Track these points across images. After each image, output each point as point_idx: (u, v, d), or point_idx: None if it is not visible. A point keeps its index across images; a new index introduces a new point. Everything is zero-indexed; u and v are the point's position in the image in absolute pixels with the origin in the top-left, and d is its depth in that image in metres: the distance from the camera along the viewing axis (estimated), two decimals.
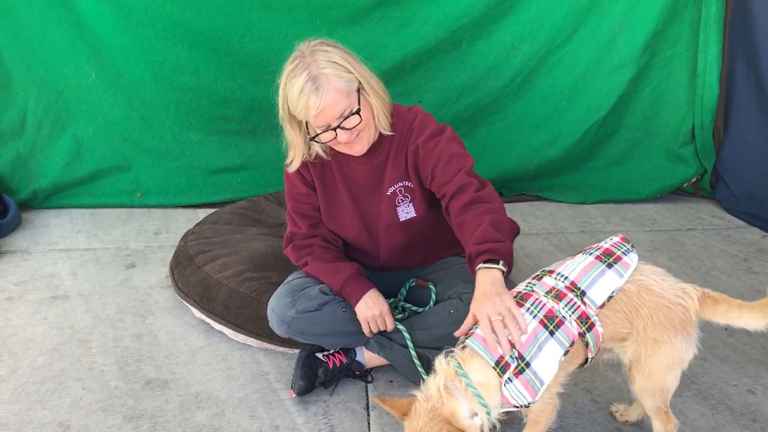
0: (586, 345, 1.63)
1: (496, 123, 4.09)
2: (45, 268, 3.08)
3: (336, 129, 1.89)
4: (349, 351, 2.20)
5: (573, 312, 1.61)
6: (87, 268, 3.09)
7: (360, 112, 1.89)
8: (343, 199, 2.15)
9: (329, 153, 2.09)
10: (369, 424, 2.01)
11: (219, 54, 3.73)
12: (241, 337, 2.41)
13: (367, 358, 2.20)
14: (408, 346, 2.09)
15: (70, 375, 2.24)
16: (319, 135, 1.92)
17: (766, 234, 3.57)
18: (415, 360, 2.06)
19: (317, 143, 2.01)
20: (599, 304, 1.63)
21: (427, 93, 3.96)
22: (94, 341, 2.46)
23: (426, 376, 1.65)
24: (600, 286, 1.65)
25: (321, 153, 2.07)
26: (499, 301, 1.59)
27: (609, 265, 1.68)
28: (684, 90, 4.04)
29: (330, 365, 2.14)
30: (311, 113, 1.85)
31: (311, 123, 1.91)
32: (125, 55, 3.70)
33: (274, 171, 3.91)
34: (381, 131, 2.01)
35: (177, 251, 2.88)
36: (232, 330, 2.42)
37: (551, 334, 1.57)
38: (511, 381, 1.54)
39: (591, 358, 1.67)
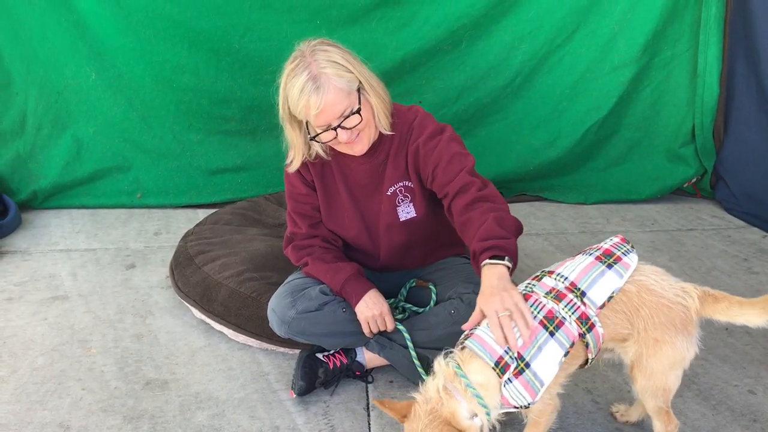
0: (586, 346, 1.62)
1: (496, 123, 4.09)
2: (45, 268, 3.08)
3: (336, 129, 1.89)
4: (350, 351, 2.20)
5: (573, 313, 1.61)
6: (87, 268, 3.09)
7: (360, 111, 1.89)
8: (343, 199, 2.15)
9: (329, 153, 2.09)
10: (369, 424, 2.00)
11: (219, 54, 3.73)
12: (242, 338, 2.41)
13: (368, 358, 2.20)
14: (408, 346, 2.09)
15: (70, 375, 2.24)
16: (320, 135, 1.92)
17: (766, 234, 3.57)
18: (415, 360, 2.06)
19: (317, 143, 2.01)
20: (599, 304, 1.63)
21: (427, 93, 3.96)
22: (94, 342, 2.46)
23: (426, 376, 1.65)
24: (600, 286, 1.65)
25: (321, 153, 2.07)
26: (507, 297, 1.59)
27: (609, 266, 1.67)
28: (684, 90, 4.04)
29: (330, 365, 2.14)
30: (312, 113, 1.85)
31: (311, 123, 1.91)
32: (125, 56, 3.70)
33: (274, 171, 3.91)
34: (381, 131, 2.01)
35: (177, 251, 2.88)
36: (232, 330, 2.42)
37: (551, 334, 1.57)
38: (511, 381, 1.54)
39: (591, 359, 1.66)
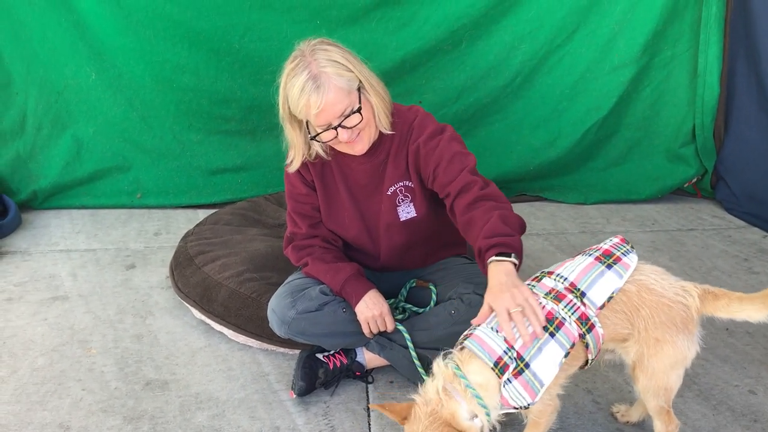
0: (586, 346, 1.62)
1: (496, 123, 4.09)
2: (45, 268, 3.08)
3: (337, 128, 1.88)
4: (350, 352, 2.20)
5: (573, 313, 1.60)
6: (87, 268, 3.09)
7: (361, 110, 1.88)
8: (343, 199, 2.15)
9: (329, 153, 2.09)
10: (369, 424, 2.00)
11: (219, 54, 3.73)
12: (242, 338, 2.41)
13: (368, 358, 2.20)
14: (408, 346, 2.08)
15: (70, 376, 2.24)
16: (320, 134, 1.92)
17: (766, 234, 3.56)
18: (416, 361, 2.06)
19: (318, 143, 2.01)
20: (599, 305, 1.63)
21: (427, 93, 3.96)
22: (94, 342, 2.45)
23: (426, 377, 1.65)
24: (600, 286, 1.64)
25: (321, 153, 2.07)
26: (518, 293, 1.58)
27: (609, 266, 1.67)
28: (684, 90, 4.04)
29: (330, 366, 2.13)
30: (312, 112, 1.85)
31: (312, 122, 1.91)
32: (125, 56, 3.70)
33: (274, 171, 3.90)
34: (381, 130, 2.01)
35: (177, 252, 2.88)
36: (232, 330, 2.42)
37: (551, 335, 1.56)
38: (510, 382, 1.53)
39: (591, 359, 1.66)
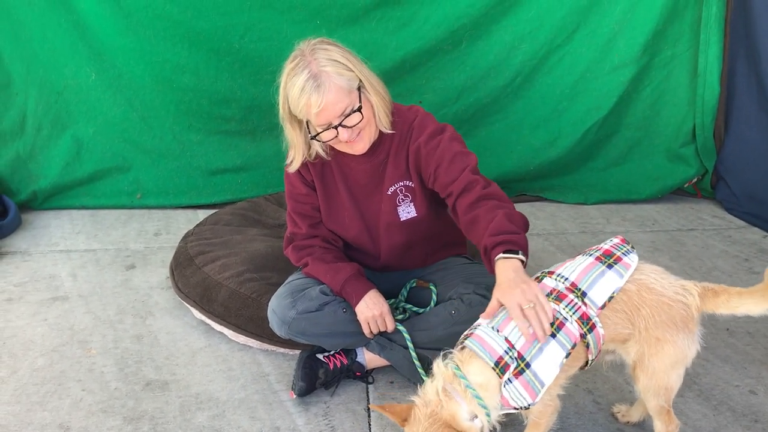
0: (586, 346, 1.62)
1: (496, 123, 4.08)
2: (45, 269, 3.08)
3: (337, 127, 1.88)
4: (350, 352, 2.20)
5: (574, 313, 1.60)
6: (87, 269, 3.09)
7: (361, 109, 1.88)
8: (344, 199, 2.15)
9: (329, 153, 2.09)
10: (370, 425, 2.00)
11: (219, 54, 3.73)
12: (242, 338, 2.41)
13: (368, 359, 2.19)
14: (408, 347, 2.08)
15: (70, 376, 2.24)
16: (320, 134, 1.92)
17: (766, 234, 3.56)
18: (416, 361, 2.06)
19: (318, 142, 2.00)
20: (600, 304, 1.62)
21: (427, 93, 3.96)
22: (94, 342, 2.45)
23: (426, 377, 1.64)
24: (600, 286, 1.64)
25: (321, 153, 2.06)
26: (528, 289, 1.58)
27: (609, 266, 1.67)
28: (684, 90, 4.03)
29: (330, 366, 2.13)
30: (312, 111, 1.85)
31: (312, 122, 1.91)
32: (125, 56, 3.69)
33: (274, 171, 3.90)
34: (381, 129, 2.01)
35: (177, 252, 2.87)
36: (232, 331, 2.41)
37: (552, 335, 1.56)
38: (511, 382, 1.53)
39: (591, 360, 1.66)
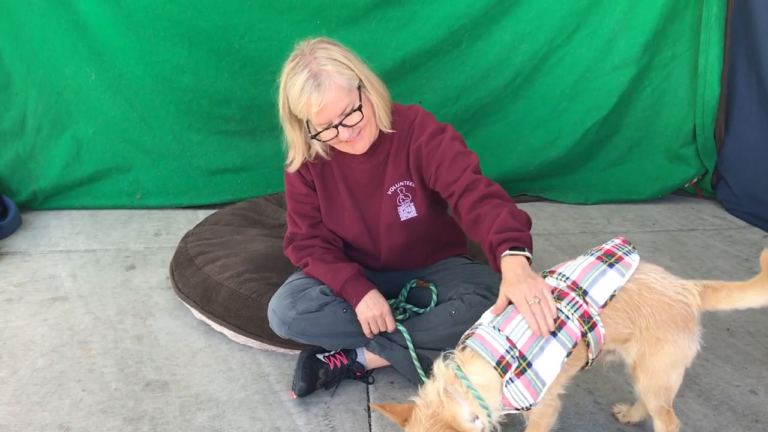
0: (587, 345, 1.62)
1: (496, 123, 4.08)
2: (45, 269, 3.08)
3: (338, 126, 1.88)
4: (350, 352, 2.19)
5: (575, 311, 1.60)
6: (87, 269, 3.09)
7: (362, 108, 1.88)
8: (344, 199, 2.14)
9: (329, 153, 2.08)
10: (370, 425, 2.00)
11: (219, 54, 3.72)
12: (242, 338, 2.41)
13: (368, 359, 2.19)
14: (409, 347, 2.08)
15: (70, 376, 2.23)
16: (321, 133, 1.91)
17: (767, 234, 3.56)
18: (415, 362, 2.05)
19: (318, 142, 2.00)
20: (601, 303, 1.62)
21: (428, 93, 3.96)
22: (94, 343, 2.45)
23: (425, 378, 1.64)
24: (601, 285, 1.64)
25: (321, 153, 2.06)
26: (534, 284, 1.59)
27: (610, 265, 1.67)
28: (685, 90, 4.03)
29: (331, 366, 2.13)
30: (313, 110, 1.84)
31: (312, 121, 1.90)
32: (125, 56, 3.69)
33: (274, 172, 3.90)
34: (382, 129, 2.01)
35: (177, 252, 2.87)
36: (232, 331, 2.41)
37: (553, 334, 1.56)
38: (513, 381, 1.53)
39: (592, 359, 1.66)
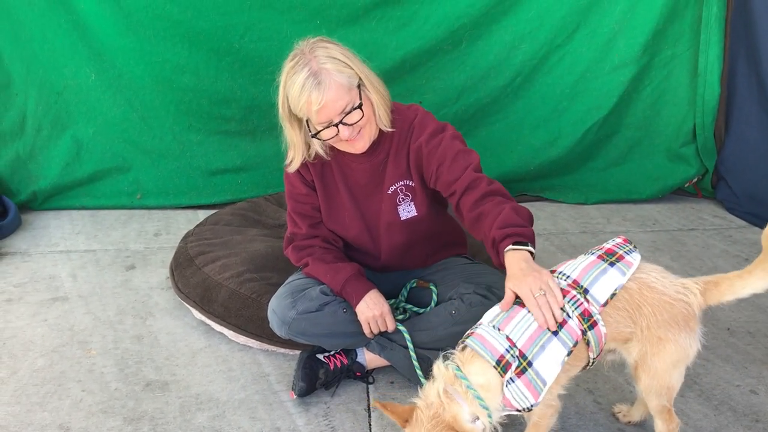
0: (587, 344, 1.62)
1: (496, 123, 4.09)
2: (45, 269, 3.08)
3: (338, 125, 1.88)
4: (350, 352, 2.19)
5: (575, 309, 1.60)
6: (87, 269, 3.09)
7: (362, 107, 1.88)
8: (344, 199, 2.14)
9: (329, 152, 2.08)
10: (370, 425, 2.00)
11: (219, 54, 3.73)
12: (242, 339, 2.40)
13: (368, 359, 2.19)
14: (409, 347, 2.08)
15: (70, 377, 2.23)
16: (321, 132, 1.91)
17: None
18: (415, 362, 2.05)
19: (318, 142, 2.00)
20: (602, 302, 1.62)
21: (428, 93, 3.96)
22: (94, 343, 2.45)
23: (425, 379, 1.64)
24: (602, 283, 1.64)
25: (321, 152, 2.06)
26: (540, 276, 1.60)
27: (611, 264, 1.67)
28: (685, 89, 4.03)
29: (331, 366, 2.13)
30: (313, 109, 1.84)
31: (312, 120, 1.90)
32: (125, 56, 3.69)
33: (274, 172, 3.90)
34: (382, 127, 2.00)
35: (177, 252, 2.87)
36: (232, 331, 2.41)
37: (554, 333, 1.56)
38: (513, 381, 1.53)
39: (593, 359, 1.66)
